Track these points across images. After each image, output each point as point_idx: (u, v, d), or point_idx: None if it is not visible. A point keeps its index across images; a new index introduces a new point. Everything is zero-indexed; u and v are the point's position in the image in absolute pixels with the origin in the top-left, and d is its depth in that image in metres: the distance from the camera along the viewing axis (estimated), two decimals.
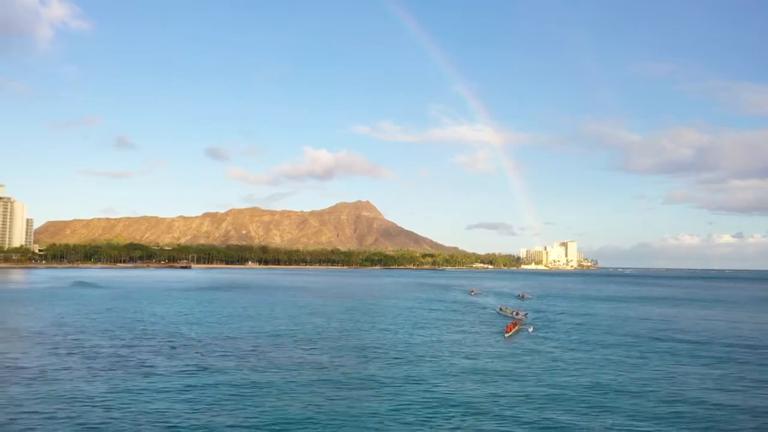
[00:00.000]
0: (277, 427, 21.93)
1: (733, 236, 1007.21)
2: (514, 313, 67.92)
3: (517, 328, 52.33)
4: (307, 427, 21.93)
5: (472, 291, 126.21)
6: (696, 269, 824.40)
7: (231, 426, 21.93)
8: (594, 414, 24.50)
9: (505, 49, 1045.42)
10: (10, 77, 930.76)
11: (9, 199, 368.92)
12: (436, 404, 25.52)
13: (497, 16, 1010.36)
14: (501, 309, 75.55)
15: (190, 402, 25.11)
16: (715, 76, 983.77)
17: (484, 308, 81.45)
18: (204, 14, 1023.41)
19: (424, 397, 26.67)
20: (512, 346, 43.49)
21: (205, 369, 32.20)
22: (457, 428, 22.24)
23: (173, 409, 23.99)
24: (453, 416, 23.80)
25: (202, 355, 36.98)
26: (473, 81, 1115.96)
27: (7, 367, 31.82)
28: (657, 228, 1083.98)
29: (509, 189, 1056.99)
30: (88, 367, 31.99)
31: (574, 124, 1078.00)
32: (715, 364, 37.12)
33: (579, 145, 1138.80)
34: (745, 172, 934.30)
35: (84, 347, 39.02)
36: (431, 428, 22.21)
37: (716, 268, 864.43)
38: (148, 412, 23.37)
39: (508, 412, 24.41)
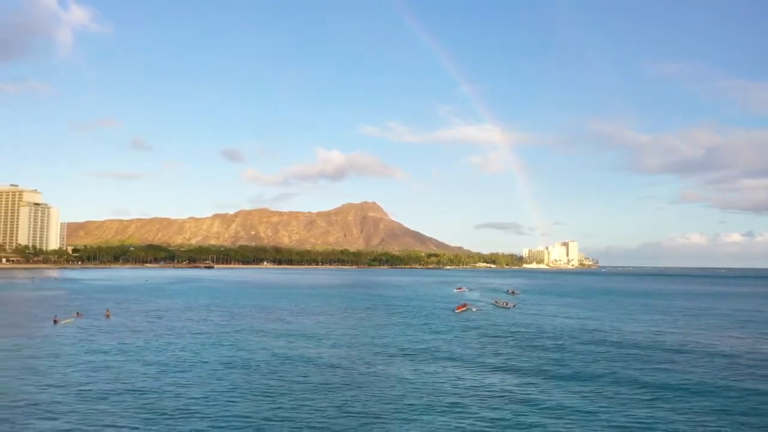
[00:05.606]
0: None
1: (742, 235, 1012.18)
2: (505, 304, 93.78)
3: (465, 307, 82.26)
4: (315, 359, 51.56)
5: (457, 289, 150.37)
6: (702, 268, 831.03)
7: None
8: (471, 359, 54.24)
9: (513, 49, 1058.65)
10: (33, 78, 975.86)
11: (45, 205, 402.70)
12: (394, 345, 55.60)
13: (504, 17, 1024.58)
14: (496, 301, 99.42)
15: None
16: (725, 75, 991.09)
17: (461, 300, 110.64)
18: (218, 18, 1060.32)
19: (389, 346, 56.78)
20: (458, 318, 73.48)
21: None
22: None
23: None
24: (402, 354, 53.85)
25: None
26: (480, 82, 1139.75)
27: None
28: (667, 227, 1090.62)
29: (518, 189, 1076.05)
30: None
31: (582, 125, 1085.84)
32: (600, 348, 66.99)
33: (587, 146, 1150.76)
34: (756, 171, 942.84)
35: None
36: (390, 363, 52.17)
37: (725, 266, 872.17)
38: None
39: (435, 345, 54.34)
